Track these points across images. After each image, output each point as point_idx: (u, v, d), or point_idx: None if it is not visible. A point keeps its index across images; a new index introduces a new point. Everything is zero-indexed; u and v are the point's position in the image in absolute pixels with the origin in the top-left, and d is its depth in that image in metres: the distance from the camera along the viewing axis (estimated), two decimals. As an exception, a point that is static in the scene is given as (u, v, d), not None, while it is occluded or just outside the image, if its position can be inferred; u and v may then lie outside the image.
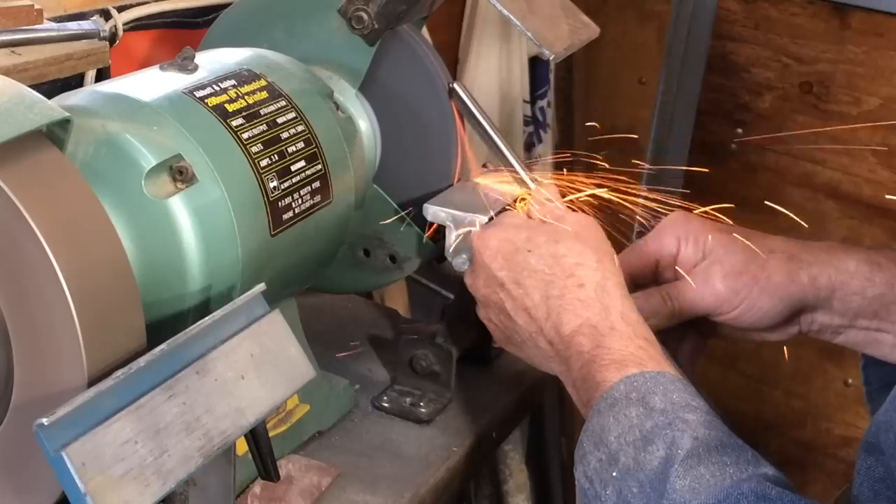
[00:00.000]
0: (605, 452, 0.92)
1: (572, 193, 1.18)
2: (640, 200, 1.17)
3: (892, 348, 1.14)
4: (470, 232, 1.14)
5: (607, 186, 1.16)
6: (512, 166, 1.20)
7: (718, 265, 1.13)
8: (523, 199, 1.18)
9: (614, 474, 0.90)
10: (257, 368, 0.89)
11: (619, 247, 1.12)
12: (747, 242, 1.13)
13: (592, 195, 1.17)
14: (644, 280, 1.17)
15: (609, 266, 1.06)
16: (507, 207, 1.18)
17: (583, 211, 1.15)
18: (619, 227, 1.14)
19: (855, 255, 1.13)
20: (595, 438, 0.94)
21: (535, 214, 1.13)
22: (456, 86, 1.22)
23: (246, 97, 1.08)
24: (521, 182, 1.19)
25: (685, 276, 1.14)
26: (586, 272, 1.04)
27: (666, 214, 1.17)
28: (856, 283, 1.12)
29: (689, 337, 1.19)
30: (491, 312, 1.11)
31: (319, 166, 1.12)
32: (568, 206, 1.15)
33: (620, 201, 1.16)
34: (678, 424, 0.90)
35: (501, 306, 1.08)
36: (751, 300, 1.12)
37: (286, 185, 1.07)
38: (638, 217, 1.18)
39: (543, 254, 1.06)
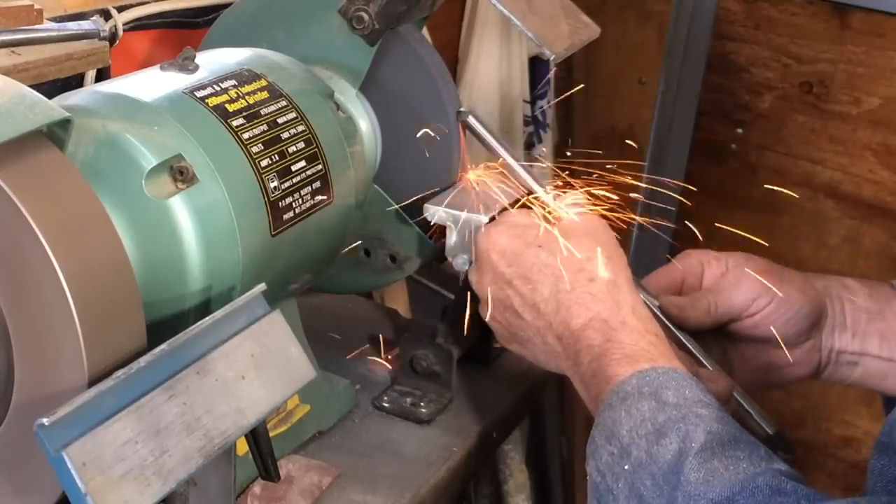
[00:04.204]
0: (616, 446, 0.92)
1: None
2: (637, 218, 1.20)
3: None
4: (471, 232, 1.14)
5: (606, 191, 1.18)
6: (525, 183, 1.20)
7: (744, 267, 1.15)
8: (533, 199, 1.18)
9: (626, 467, 0.91)
10: (258, 368, 0.89)
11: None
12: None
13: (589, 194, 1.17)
14: None
15: (619, 262, 1.07)
16: (518, 203, 1.18)
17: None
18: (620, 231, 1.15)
19: (851, 279, 1.18)
20: (607, 432, 0.94)
21: (546, 214, 1.13)
22: (463, 111, 1.24)
23: (246, 97, 1.08)
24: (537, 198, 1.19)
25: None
26: (597, 267, 1.05)
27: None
28: (860, 299, 1.15)
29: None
30: (496, 311, 1.11)
31: (320, 166, 1.12)
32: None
33: (619, 219, 1.17)
34: (691, 419, 0.90)
35: (508, 304, 1.09)
36: (782, 291, 1.13)
37: (287, 185, 1.07)
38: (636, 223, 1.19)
39: (554, 249, 1.07)
